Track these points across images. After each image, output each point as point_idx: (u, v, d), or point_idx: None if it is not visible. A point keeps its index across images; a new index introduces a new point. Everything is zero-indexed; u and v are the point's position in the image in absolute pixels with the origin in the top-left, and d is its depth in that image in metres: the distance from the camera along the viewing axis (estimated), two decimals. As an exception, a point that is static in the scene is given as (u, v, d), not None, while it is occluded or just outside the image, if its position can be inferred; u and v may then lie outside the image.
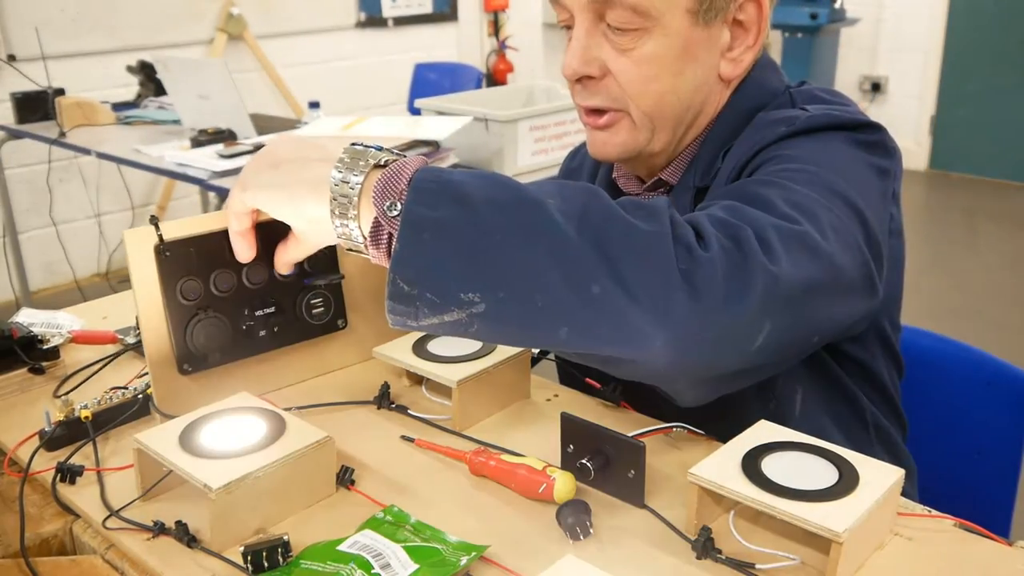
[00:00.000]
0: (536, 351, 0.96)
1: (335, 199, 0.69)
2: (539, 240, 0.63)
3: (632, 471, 0.73)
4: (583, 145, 1.17)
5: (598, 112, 0.92)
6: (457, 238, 0.63)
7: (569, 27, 0.91)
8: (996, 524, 1.10)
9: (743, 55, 0.91)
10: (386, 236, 0.68)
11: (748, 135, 0.90)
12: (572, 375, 0.98)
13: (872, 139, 0.86)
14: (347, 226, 0.69)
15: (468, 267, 0.63)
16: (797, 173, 0.78)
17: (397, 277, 0.64)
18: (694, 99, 0.91)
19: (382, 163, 0.69)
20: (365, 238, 0.69)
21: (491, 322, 0.64)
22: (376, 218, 0.67)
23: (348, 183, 0.68)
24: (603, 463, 0.74)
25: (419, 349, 0.93)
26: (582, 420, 0.76)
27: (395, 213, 0.65)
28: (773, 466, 0.68)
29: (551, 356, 1.02)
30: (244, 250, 0.84)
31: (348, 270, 0.96)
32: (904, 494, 0.71)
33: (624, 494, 0.75)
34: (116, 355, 1.04)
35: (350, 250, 0.71)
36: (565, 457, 0.77)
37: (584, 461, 0.74)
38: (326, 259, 0.94)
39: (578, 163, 1.17)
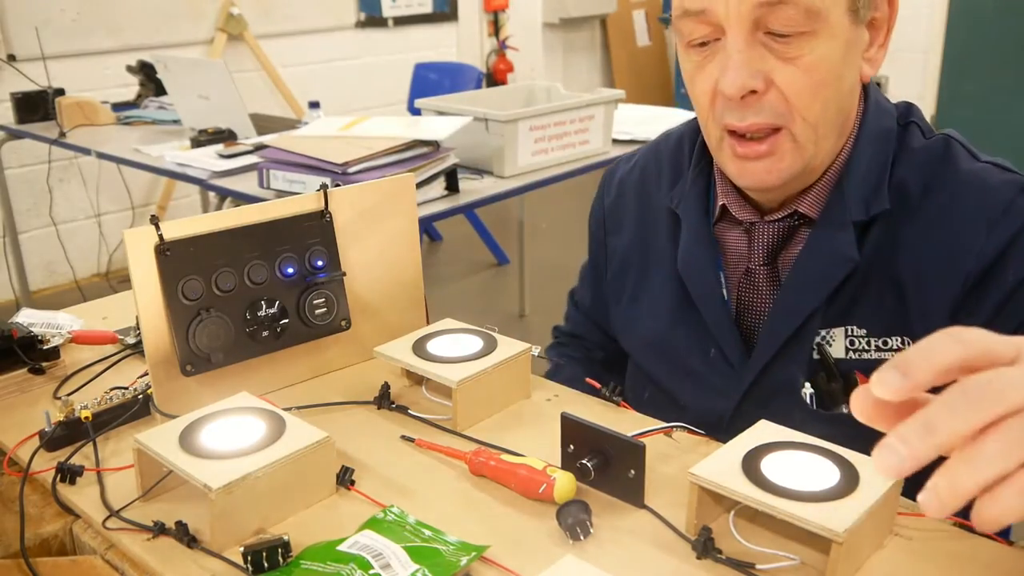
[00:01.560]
0: (536, 352, 0.95)
1: None
2: None
3: (632, 471, 0.73)
4: (614, 176, 1.11)
5: (755, 139, 0.85)
6: None
7: (704, 44, 0.84)
8: (996, 524, 1.09)
9: (877, 54, 0.89)
10: None
11: (962, 195, 0.86)
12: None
13: None
14: None
15: None
16: None
17: None
18: (849, 104, 0.88)
19: None
20: None
21: None
22: None
23: None
24: (603, 463, 0.74)
25: (419, 349, 0.93)
26: (582, 420, 0.76)
27: None
28: (773, 466, 0.68)
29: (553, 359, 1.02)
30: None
31: (350, 268, 0.96)
32: None
33: (624, 494, 0.75)
34: (119, 357, 1.04)
35: None
36: (565, 457, 0.77)
37: (584, 461, 0.74)
38: (329, 257, 0.94)
39: (616, 196, 1.09)
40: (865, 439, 0.75)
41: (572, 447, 0.76)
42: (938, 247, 0.86)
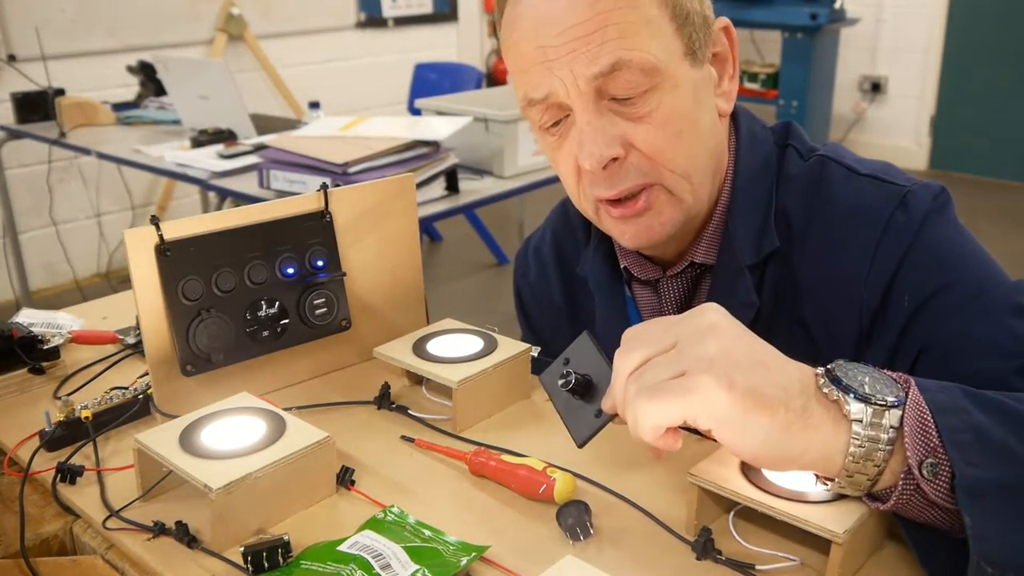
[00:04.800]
0: (536, 352, 0.95)
1: (857, 461, 0.60)
2: None
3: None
4: (528, 248, 1.11)
5: (630, 198, 0.83)
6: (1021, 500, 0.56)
7: (555, 123, 0.84)
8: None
9: (730, 87, 0.88)
10: (898, 492, 0.61)
11: (841, 221, 0.85)
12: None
13: (948, 200, 0.86)
14: (860, 478, 0.61)
15: None
16: (994, 309, 0.78)
17: (980, 560, 0.55)
18: (715, 144, 0.87)
19: (886, 403, 0.60)
20: (878, 489, 0.62)
21: None
22: (904, 473, 0.60)
23: (877, 443, 0.60)
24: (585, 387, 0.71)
25: (419, 349, 0.93)
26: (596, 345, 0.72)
27: (934, 475, 0.58)
28: (773, 466, 0.68)
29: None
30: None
31: (350, 268, 0.96)
32: None
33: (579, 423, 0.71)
34: (119, 357, 1.04)
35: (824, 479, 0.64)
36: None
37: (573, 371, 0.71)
38: (330, 257, 0.94)
39: (538, 270, 1.09)
40: None
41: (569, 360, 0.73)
42: (830, 281, 0.85)
